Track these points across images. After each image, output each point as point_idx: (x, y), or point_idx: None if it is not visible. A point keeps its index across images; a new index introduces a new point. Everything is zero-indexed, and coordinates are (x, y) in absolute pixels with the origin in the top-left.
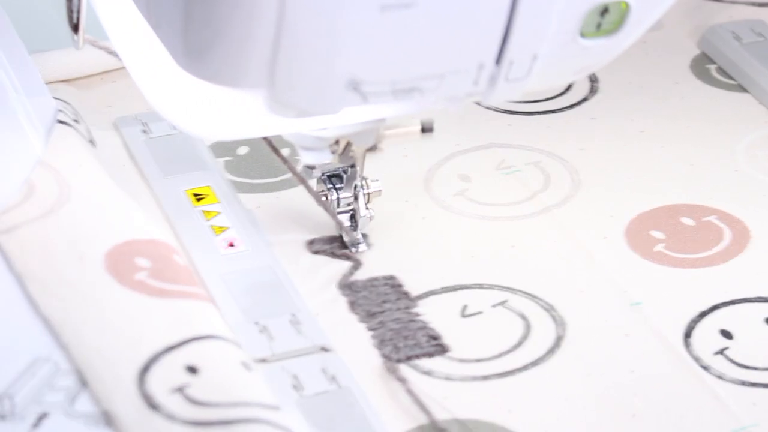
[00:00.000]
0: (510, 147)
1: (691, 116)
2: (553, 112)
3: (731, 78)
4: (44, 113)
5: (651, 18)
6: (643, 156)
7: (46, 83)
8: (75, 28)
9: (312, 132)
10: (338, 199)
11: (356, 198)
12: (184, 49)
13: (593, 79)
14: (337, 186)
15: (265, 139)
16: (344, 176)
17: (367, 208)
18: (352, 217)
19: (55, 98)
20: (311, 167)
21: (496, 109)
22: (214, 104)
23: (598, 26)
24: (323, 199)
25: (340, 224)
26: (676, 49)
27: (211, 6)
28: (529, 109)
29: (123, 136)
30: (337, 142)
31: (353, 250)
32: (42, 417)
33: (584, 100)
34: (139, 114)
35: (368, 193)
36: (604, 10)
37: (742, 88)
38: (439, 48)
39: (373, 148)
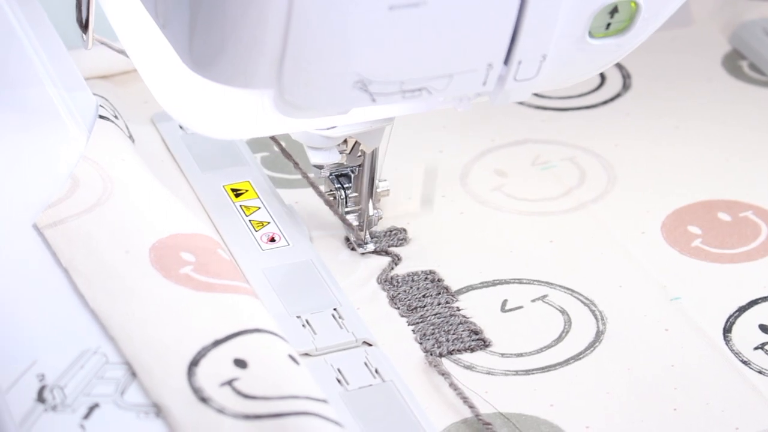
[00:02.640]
0: (545, 143)
1: (725, 112)
2: (587, 108)
3: (763, 74)
4: (85, 109)
5: (661, 17)
6: (678, 152)
7: (84, 79)
8: (84, 27)
9: (320, 132)
10: (346, 198)
11: (364, 198)
12: (192, 50)
13: (626, 75)
14: (346, 185)
15: (273, 138)
16: (352, 176)
17: (375, 209)
18: (360, 217)
19: (94, 94)
20: (319, 167)
21: (530, 105)
22: (223, 104)
23: (608, 26)
24: (331, 198)
25: (347, 224)
26: (708, 46)
27: (219, 6)
28: (563, 105)
29: (160, 132)
30: (345, 142)
31: (360, 250)
32: (93, 408)
33: (617, 96)
34: None
35: (376, 193)
36: (614, 10)
37: None
38: (448, 48)
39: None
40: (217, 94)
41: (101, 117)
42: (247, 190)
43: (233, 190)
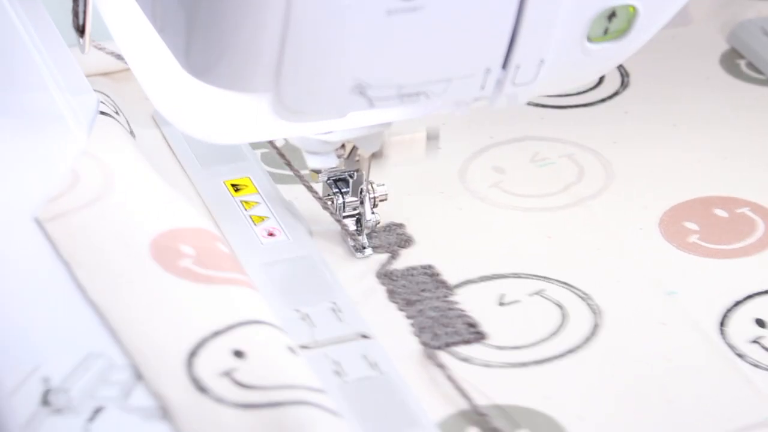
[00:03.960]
0: (544, 140)
1: (722, 110)
2: (585, 105)
3: (761, 73)
4: (86, 105)
5: (659, 22)
6: (676, 149)
7: (85, 76)
8: (81, 31)
9: (318, 136)
10: (344, 203)
11: (362, 202)
12: (189, 54)
13: (624, 74)
14: (343, 190)
15: (270, 143)
16: (350, 180)
17: (372, 213)
18: (358, 222)
19: (95, 90)
20: (317, 171)
21: (529, 103)
22: (220, 108)
23: (606, 31)
24: (328, 203)
25: (344, 229)
26: (706, 45)
27: (217, 11)
28: (562, 103)
29: (161, 129)
30: (343, 146)
31: (358, 255)
32: (97, 411)
33: (616, 94)
34: None
35: (374, 198)
36: (612, 15)
37: None
38: (446, 52)
39: (377, 155)
40: (215, 99)
41: (102, 113)
42: (246, 186)
43: (233, 185)
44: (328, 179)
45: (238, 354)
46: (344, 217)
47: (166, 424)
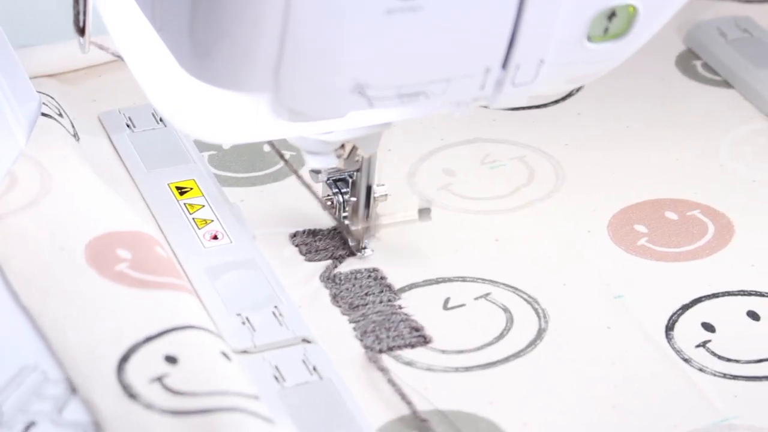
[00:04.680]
0: (495, 142)
1: (677, 112)
2: (537, 107)
3: (717, 74)
4: (27, 106)
5: (659, 21)
6: (628, 151)
7: (31, 78)
8: (81, 31)
9: (317, 136)
10: (344, 203)
11: (363, 202)
12: (188, 53)
13: None
14: (343, 190)
15: (269, 143)
16: (350, 181)
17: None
18: (358, 222)
19: (39, 92)
20: (317, 171)
21: (480, 105)
22: (219, 108)
23: (606, 30)
24: (328, 204)
25: (345, 229)
26: (662, 45)
27: (216, 10)
28: (514, 105)
29: (107, 131)
30: (342, 147)
31: (358, 254)
32: (29, 426)
33: (569, 95)
34: (123, 108)
35: (374, 198)
36: (612, 14)
37: (727, 84)
38: (446, 52)
39: (370, 235)
40: (214, 98)
41: (44, 115)
42: (191, 188)
43: (178, 188)
44: (328, 179)
45: (171, 360)
46: (344, 217)
47: None
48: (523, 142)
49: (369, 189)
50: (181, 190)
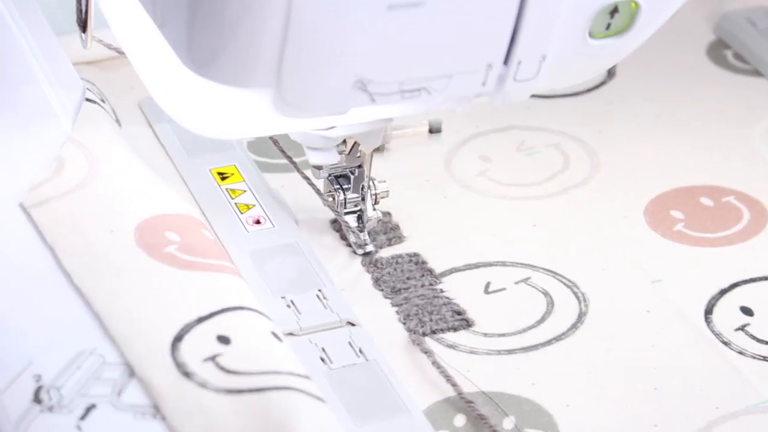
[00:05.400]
0: (530, 129)
1: (708, 100)
2: (571, 95)
3: (747, 63)
4: (72, 92)
5: (661, 17)
6: (661, 139)
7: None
8: (83, 27)
9: (319, 132)
10: (345, 199)
11: (363, 199)
12: (190, 49)
13: None
14: (345, 187)
15: (271, 138)
16: (351, 177)
17: (374, 209)
18: (359, 218)
19: (81, 78)
20: (318, 167)
21: None
22: (221, 104)
23: (608, 26)
24: (330, 200)
25: (346, 225)
26: (692, 35)
27: (218, 5)
28: (548, 93)
29: (147, 117)
30: (344, 142)
31: (359, 251)
32: (90, 408)
33: (602, 84)
34: None
35: (375, 194)
36: (614, 10)
37: (757, 73)
38: (447, 48)
39: (380, 149)
40: (216, 94)
41: (88, 100)
42: (233, 174)
43: (219, 173)
44: (330, 175)
45: (223, 339)
46: (345, 213)
47: (158, 422)
48: (558, 129)
49: (371, 185)
50: (223, 176)
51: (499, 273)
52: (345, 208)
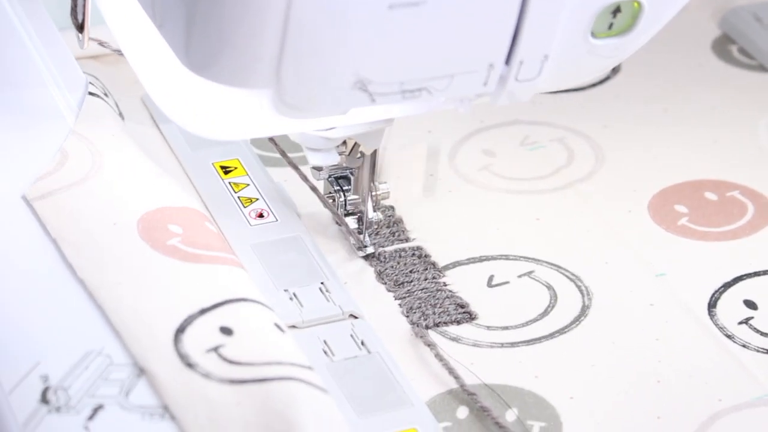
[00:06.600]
0: (534, 124)
1: (713, 95)
2: (575, 90)
3: (752, 58)
4: (75, 86)
5: (664, 17)
6: (666, 133)
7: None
8: (80, 27)
9: (319, 133)
10: (345, 201)
11: (364, 201)
12: (189, 49)
13: None
14: (345, 188)
15: (271, 139)
16: (352, 178)
17: (374, 211)
18: (359, 220)
19: (84, 72)
20: (318, 168)
21: None
22: (220, 104)
23: (610, 26)
24: (330, 201)
25: (346, 227)
26: (698, 30)
27: (217, 6)
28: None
29: (150, 111)
30: (344, 143)
31: (360, 253)
32: (97, 409)
33: (607, 79)
34: None
35: (376, 196)
36: (616, 10)
37: (762, 68)
38: (448, 48)
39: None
40: (215, 95)
41: (91, 94)
42: (236, 168)
43: (222, 167)
44: (330, 176)
45: (226, 331)
46: (346, 214)
47: (166, 423)
48: (562, 124)
49: (371, 186)
50: (226, 170)
51: (502, 266)
52: (345, 209)
